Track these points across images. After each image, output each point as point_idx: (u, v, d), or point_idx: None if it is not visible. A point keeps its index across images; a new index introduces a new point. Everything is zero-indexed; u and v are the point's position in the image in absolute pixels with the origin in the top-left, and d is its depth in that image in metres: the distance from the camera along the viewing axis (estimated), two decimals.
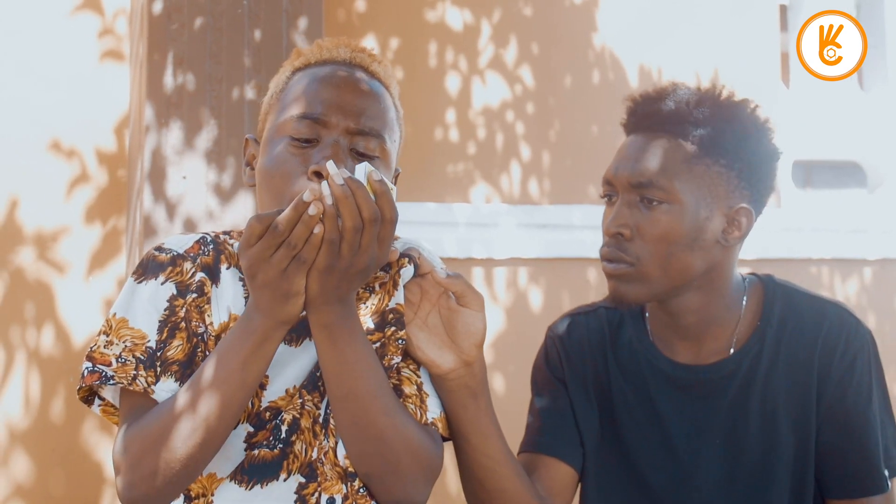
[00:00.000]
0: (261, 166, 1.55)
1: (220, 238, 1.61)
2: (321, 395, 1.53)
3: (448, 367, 1.56)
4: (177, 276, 1.53)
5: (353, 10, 3.85)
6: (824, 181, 5.16)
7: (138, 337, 1.49)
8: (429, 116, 3.92)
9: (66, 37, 3.43)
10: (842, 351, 1.75)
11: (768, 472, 1.77)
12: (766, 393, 1.77)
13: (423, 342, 1.57)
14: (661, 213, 1.71)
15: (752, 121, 1.78)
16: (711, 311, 1.79)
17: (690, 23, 4.42)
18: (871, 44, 4.73)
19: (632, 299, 1.75)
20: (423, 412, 1.56)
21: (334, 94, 1.54)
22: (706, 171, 1.72)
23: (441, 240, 3.74)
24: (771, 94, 4.49)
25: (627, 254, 1.73)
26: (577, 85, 4.19)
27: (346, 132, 1.52)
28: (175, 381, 1.48)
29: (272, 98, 1.61)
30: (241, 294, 1.55)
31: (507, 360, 3.82)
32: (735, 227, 1.75)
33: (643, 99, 1.82)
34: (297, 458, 1.51)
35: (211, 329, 1.52)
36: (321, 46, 1.63)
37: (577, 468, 1.84)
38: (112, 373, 1.47)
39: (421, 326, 1.57)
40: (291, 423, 1.52)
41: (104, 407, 1.56)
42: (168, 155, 3.03)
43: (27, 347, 3.29)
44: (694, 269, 1.73)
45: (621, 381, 1.86)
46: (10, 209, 3.31)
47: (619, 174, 1.77)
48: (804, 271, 4.37)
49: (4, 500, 3.23)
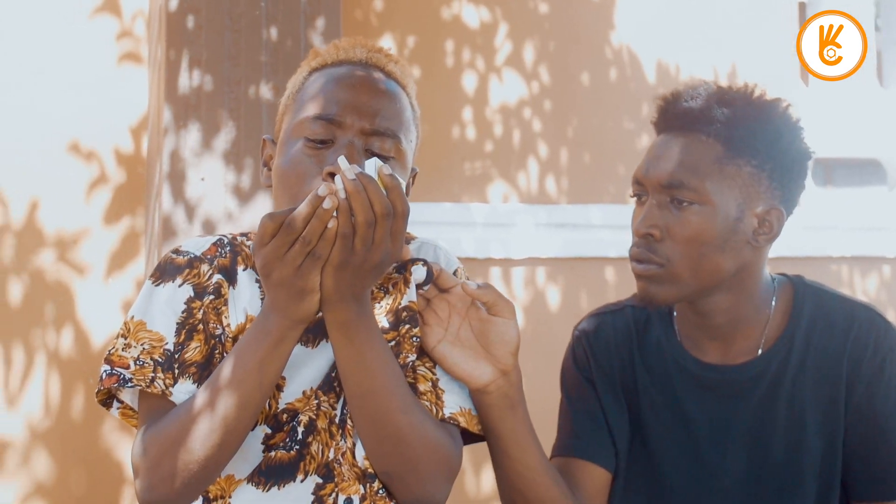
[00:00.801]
0: (277, 167, 1.55)
1: (238, 240, 1.61)
2: (337, 396, 1.53)
3: (487, 380, 1.55)
4: (194, 278, 1.54)
5: (371, 9, 3.85)
6: (844, 179, 5.13)
7: (156, 339, 1.50)
8: (446, 115, 3.91)
9: (85, 39, 3.44)
10: (871, 353, 1.74)
11: (794, 474, 1.75)
12: (793, 394, 1.76)
13: (458, 358, 1.55)
14: (692, 214, 1.69)
15: (785, 121, 1.76)
16: (741, 312, 1.77)
17: (708, 21, 4.40)
18: (891, 41, 4.71)
19: (661, 300, 1.74)
20: (440, 408, 1.55)
21: (349, 94, 1.53)
22: (738, 171, 1.70)
23: (459, 240, 3.74)
24: (790, 93, 4.47)
25: (658, 255, 1.71)
26: (595, 82, 4.18)
27: (361, 133, 1.51)
28: (193, 383, 1.48)
29: (289, 98, 1.61)
30: (257, 295, 1.55)
31: (526, 360, 3.78)
32: (766, 228, 1.73)
33: (674, 97, 1.79)
34: (313, 458, 1.51)
35: (228, 331, 1.53)
36: (338, 47, 1.62)
37: (612, 470, 1.83)
38: (130, 375, 1.47)
39: (454, 342, 1.56)
40: (308, 424, 1.51)
41: (123, 410, 1.57)
42: (186, 156, 3.03)
43: (47, 348, 3.31)
44: (724, 270, 1.72)
45: (647, 380, 1.84)
46: (31, 211, 3.33)
47: (650, 174, 1.74)
48: (824, 269, 4.35)
49: (26, 498, 3.25)
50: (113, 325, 3.34)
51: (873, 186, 4.94)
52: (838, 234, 4.45)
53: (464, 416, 1.57)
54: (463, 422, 1.57)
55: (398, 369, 1.49)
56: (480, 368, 1.55)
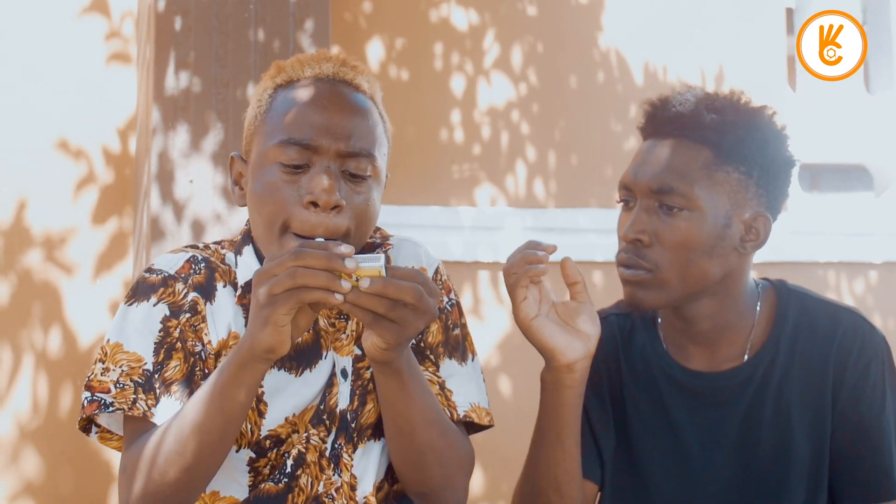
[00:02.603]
0: (253, 192, 1.53)
1: (212, 257, 1.59)
2: (327, 430, 1.53)
3: (577, 356, 1.66)
4: (169, 296, 1.52)
5: (360, 11, 3.85)
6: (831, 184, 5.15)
7: (134, 360, 1.48)
8: (434, 118, 3.92)
9: (73, 39, 3.43)
10: (856, 357, 1.74)
11: (782, 479, 1.76)
12: (780, 399, 1.76)
13: (555, 331, 1.65)
14: (680, 219, 1.69)
15: (771, 128, 1.77)
16: (726, 318, 1.78)
17: (697, 25, 4.41)
18: (877, 46, 4.73)
19: (649, 305, 1.73)
20: (453, 409, 1.58)
21: (322, 116, 1.51)
22: (726, 177, 1.70)
23: (447, 243, 3.74)
24: (777, 97, 4.48)
25: (646, 260, 1.71)
26: (583, 85, 4.18)
27: (336, 156, 1.50)
28: (176, 400, 1.47)
29: (257, 118, 1.57)
30: (240, 313, 1.54)
31: (513, 363, 3.82)
32: (753, 235, 1.74)
33: (662, 103, 1.78)
34: (302, 491, 1.51)
35: (210, 347, 1.52)
36: (302, 62, 1.59)
37: (598, 482, 1.83)
38: (111, 399, 1.46)
39: (548, 318, 1.66)
40: (297, 458, 1.52)
41: (101, 433, 1.57)
42: (175, 157, 3.03)
43: (35, 348, 3.30)
44: (711, 275, 1.72)
45: (634, 389, 1.84)
46: (18, 211, 3.32)
47: (639, 179, 1.73)
48: (811, 274, 4.37)
49: (14, 497, 3.25)
50: (100, 326, 3.34)
51: (859, 192, 4.96)
52: (825, 240, 4.47)
53: (475, 412, 1.61)
54: (476, 418, 1.61)
55: (434, 395, 1.53)
56: (573, 344, 1.65)
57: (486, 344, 3.78)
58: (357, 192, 1.51)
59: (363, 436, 1.57)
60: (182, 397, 1.47)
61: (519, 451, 1.85)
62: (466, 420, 1.60)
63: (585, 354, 1.66)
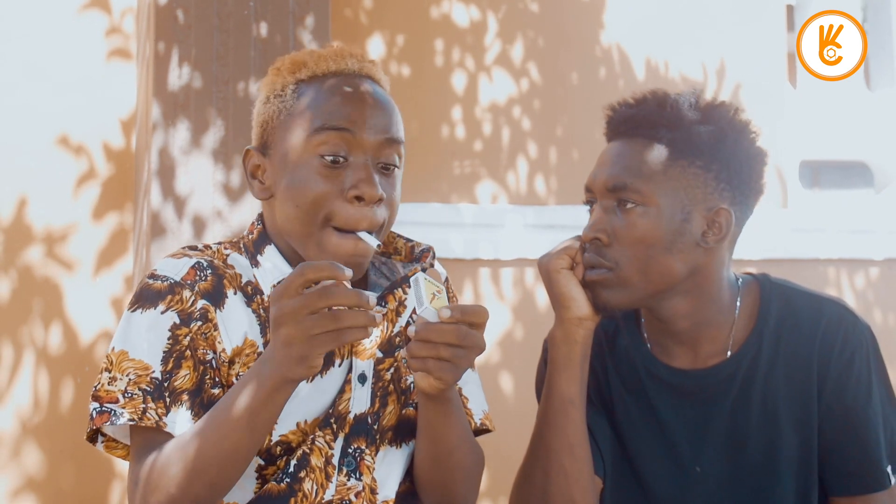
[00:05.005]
0: (288, 185, 1.51)
1: (216, 262, 1.56)
2: (334, 434, 1.52)
3: (587, 312, 1.74)
4: (177, 304, 1.49)
5: (361, 7, 3.85)
6: (831, 181, 5.15)
7: (141, 368, 1.45)
8: (435, 114, 3.92)
9: (74, 35, 3.43)
10: (840, 348, 1.73)
11: (772, 472, 1.76)
12: (766, 393, 1.76)
13: (575, 284, 1.75)
14: (636, 216, 1.70)
15: (730, 122, 1.76)
16: (703, 315, 1.77)
17: (698, 22, 4.41)
18: (877, 44, 4.73)
19: (614, 305, 1.73)
20: (470, 417, 1.65)
21: (359, 109, 1.52)
22: (682, 172, 1.71)
23: (448, 240, 3.74)
24: (778, 95, 4.49)
25: (606, 259, 1.72)
26: (584, 81, 4.18)
27: (375, 148, 1.51)
28: (187, 410, 1.45)
29: (281, 113, 1.56)
30: (255, 321, 1.53)
31: (514, 360, 3.82)
32: (715, 229, 1.73)
33: (620, 106, 1.81)
34: (306, 497, 1.49)
35: (224, 355, 1.50)
36: (325, 57, 1.58)
37: (601, 475, 1.83)
38: (121, 409, 1.43)
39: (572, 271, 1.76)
40: (301, 458, 1.50)
41: (106, 442, 1.54)
42: (175, 154, 3.03)
43: (36, 344, 3.31)
44: (675, 272, 1.71)
45: (622, 390, 1.85)
46: (20, 207, 3.32)
47: (597, 180, 1.77)
48: (811, 271, 4.37)
49: (16, 493, 3.25)
50: (101, 322, 3.34)
51: (860, 189, 4.97)
52: (826, 237, 4.47)
53: (488, 419, 1.69)
54: (489, 426, 1.68)
55: (465, 415, 1.58)
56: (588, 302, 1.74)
57: (487, 341, 3.76)
58: (390, 184, 1.55)
59: (384, 438, 1.57)
60: (193, 406, 1.45)
61: (519, 448, 1.85)
62: (482, 427, 1.65)
63: (594, 315, 1.74)
